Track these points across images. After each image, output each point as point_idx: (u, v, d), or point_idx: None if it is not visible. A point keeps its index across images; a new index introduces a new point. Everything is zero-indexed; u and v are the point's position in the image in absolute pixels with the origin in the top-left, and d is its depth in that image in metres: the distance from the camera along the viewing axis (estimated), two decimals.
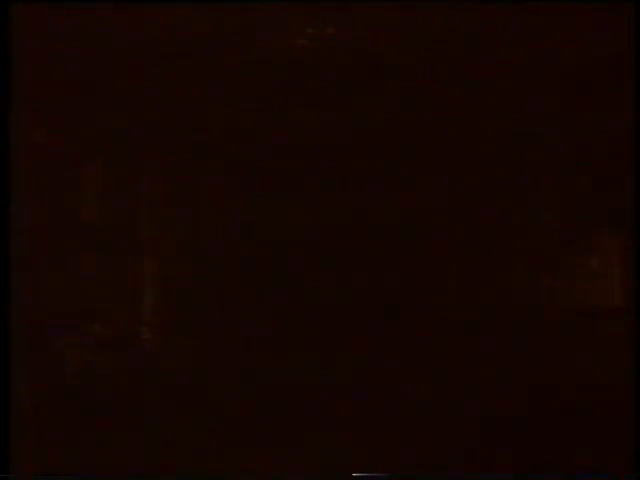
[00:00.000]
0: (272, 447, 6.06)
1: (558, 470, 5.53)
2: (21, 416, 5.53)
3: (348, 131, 7.08)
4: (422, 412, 6.30)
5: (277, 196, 7.13)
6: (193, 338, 6.91)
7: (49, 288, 6.77)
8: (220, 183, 7.18)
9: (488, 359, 6.74)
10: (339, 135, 7.08)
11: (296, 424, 6.44)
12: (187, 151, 7.12)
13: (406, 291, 7.03)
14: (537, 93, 6.92)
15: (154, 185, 7.28)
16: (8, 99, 5.34)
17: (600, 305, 7.00)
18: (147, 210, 7.25)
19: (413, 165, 7.09)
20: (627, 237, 6.66)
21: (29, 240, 6.47)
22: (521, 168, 7.10)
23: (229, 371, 6.76)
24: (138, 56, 6.76)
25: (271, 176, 7.12)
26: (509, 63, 6.79)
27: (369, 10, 6.38)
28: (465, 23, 6.55)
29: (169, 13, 6.55)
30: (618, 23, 6.21)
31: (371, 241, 7.10)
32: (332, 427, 6.33)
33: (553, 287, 7.02)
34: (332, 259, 7.05)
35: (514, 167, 7.11)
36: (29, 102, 6.35)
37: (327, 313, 6.94)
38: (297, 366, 6.84)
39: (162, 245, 7.17)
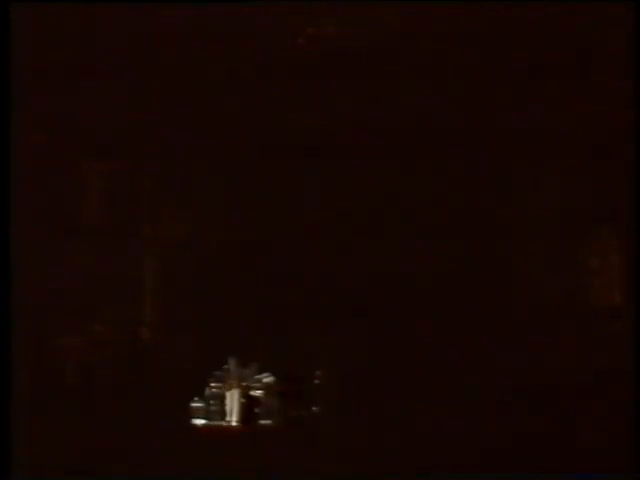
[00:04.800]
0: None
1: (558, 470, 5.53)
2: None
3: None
4: None
5: (277, 196, 7.13)
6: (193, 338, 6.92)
7: (49, 288, 6.78)
8: (219, 184, 7.17)
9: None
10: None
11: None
12: (186, 151, 7.12)
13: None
14: None
15: (154, 185, 7.27)
16: (8, 99, 5.35)
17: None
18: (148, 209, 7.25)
19: (414, 166, 7.10)
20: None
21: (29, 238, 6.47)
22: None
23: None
24: (138, 55, 6.76)
25: (272, 175, 7.12)
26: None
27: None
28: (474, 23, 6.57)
29: (169, 12, 6.56)
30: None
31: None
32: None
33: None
34: (334, 259, 7.06)
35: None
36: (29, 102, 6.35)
37: (328, 311, 6.93)
38: (297, 364, 6.84)
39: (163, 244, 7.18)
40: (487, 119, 6.99)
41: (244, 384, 6.67)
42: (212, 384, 6.68)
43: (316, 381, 6.84)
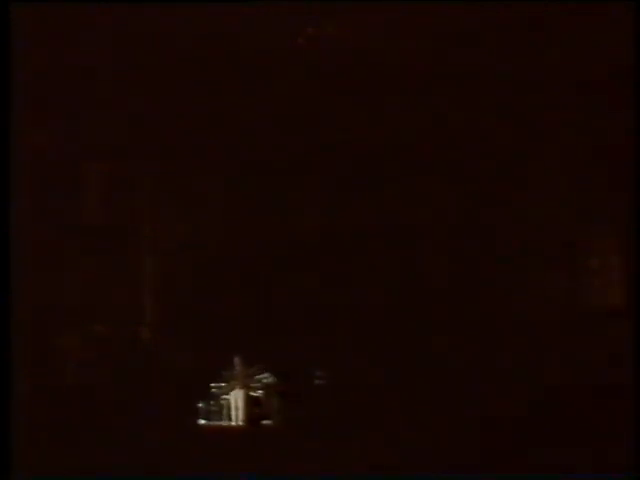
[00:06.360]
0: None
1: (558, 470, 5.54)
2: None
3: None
4: None
5: (277, 196, 7.14)
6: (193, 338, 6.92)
7: (49, 288, 6.78)
8: (220, 183, 7.18)
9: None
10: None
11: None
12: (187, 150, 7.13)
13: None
14: None
15: (154, 185, 7.28)
16: (8, 99, 5.35)
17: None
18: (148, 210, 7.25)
19: (414, 163, 7.10)
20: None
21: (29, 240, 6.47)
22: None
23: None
24: (138, 55, 6.77)
25: (272, 176, 7.13)
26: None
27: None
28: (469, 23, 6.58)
29: (169, 12, 6.57)
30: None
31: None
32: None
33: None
34: (334, 262, 7.06)
35: None
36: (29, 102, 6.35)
37: (329, 312, 6.95)
38: (297, 363, 6.86)
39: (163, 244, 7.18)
40: (485, 120, 7.01)
41: (247, 384, 6.69)
42: (213, 384, 6.69)
43: (316, 381, 6.85)
